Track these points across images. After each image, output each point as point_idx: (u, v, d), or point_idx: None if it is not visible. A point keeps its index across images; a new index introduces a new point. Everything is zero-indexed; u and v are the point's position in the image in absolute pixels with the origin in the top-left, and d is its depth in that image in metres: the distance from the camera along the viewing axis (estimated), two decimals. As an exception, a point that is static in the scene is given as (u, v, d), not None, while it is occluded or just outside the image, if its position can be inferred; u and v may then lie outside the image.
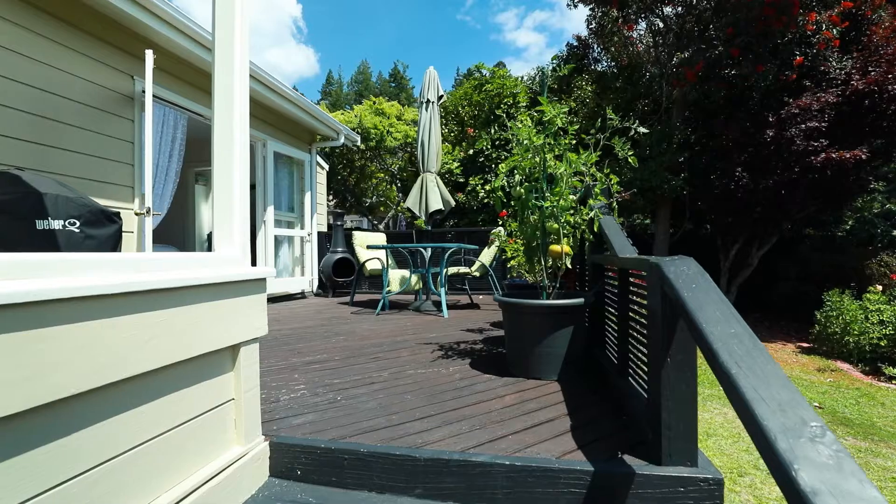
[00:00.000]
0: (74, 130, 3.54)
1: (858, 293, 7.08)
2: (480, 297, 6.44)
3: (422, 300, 5.32)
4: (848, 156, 6.46)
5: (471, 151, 9.74)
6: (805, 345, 7.41)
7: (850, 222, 9.93)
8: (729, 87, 7.93)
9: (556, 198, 2.26)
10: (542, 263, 2.36)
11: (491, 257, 5.21)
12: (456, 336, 3.46)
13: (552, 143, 2.28)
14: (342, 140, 7.33)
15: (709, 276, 1.21)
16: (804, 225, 9.22)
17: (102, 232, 2.91)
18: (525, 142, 2.32)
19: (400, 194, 12.28)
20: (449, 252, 4.83)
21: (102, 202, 3.82)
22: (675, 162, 8.47)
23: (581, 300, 2.18)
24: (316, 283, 7.02)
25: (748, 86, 7.70)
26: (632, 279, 1.97)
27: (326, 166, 8.27)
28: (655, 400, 1.40)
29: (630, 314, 1.99)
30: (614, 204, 2.39)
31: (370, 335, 3.55)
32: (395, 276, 5.30)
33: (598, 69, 11.05)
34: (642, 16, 9.21)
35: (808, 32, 6.95)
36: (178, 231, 8.06)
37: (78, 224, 2.74)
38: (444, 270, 4.86)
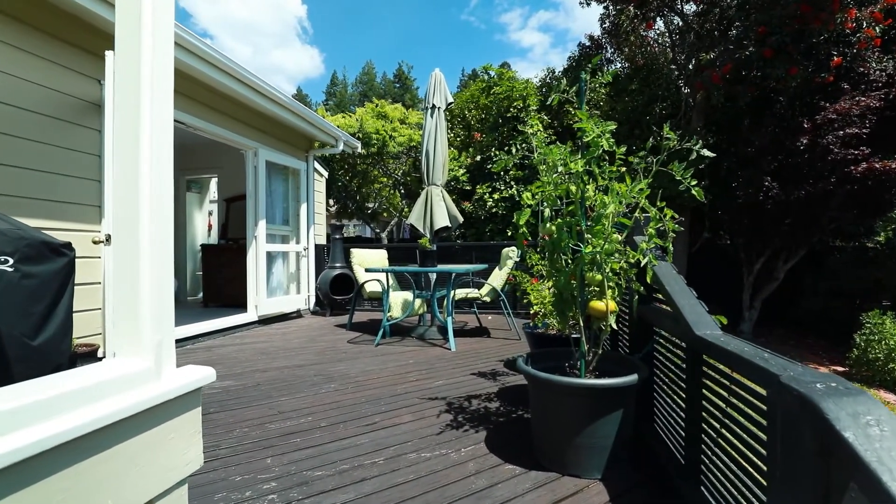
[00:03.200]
0: (29, 144, 3.07)
1: (897, 312, 6.50)
2: (490, 317, 5.93)
3: (426, 326, 4.82)
4: (894, 165, 5.89)
5: (478, 157, 9.23)
6: (840, 368, 6.84)
7: (882, 234, 9.32)
8: (754, 90, 7.36)
9: (600, 240, 1.76)
10: (580, 322, 1.86)
11: (503, 280, 4.70)
12: (466, 384, 2.96)
13: (596, 170, 1.78)
14: (341, 147, 6.83)
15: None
16: (832, 236, 8.64)
17: (46, 268, 2.42)
18: (560, 168, 1.82)
19: (404, 200, 11.77)
20: (456, 273, 4.34)
21: (64, 226, 3.35)
22: (696, 169, 7.92)
23: (634, 378, 1.67)
24: (313, 300, 6.53)
25: (773, 88, 7.12)
26: (710, 360, 1.47)
27: (325, 173, 7.78)
28: None
29: (705, 404, 1.49)
30: (670, 246, 1.88)
31: (367, 381, 3.06)
32: (397, 300, 4.81)
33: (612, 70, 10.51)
34: (661, 14, 8.66)
35: (847, 31, 6.38)
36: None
37: (11, 261, 2.25)
38: (452, 294, 4.36)
